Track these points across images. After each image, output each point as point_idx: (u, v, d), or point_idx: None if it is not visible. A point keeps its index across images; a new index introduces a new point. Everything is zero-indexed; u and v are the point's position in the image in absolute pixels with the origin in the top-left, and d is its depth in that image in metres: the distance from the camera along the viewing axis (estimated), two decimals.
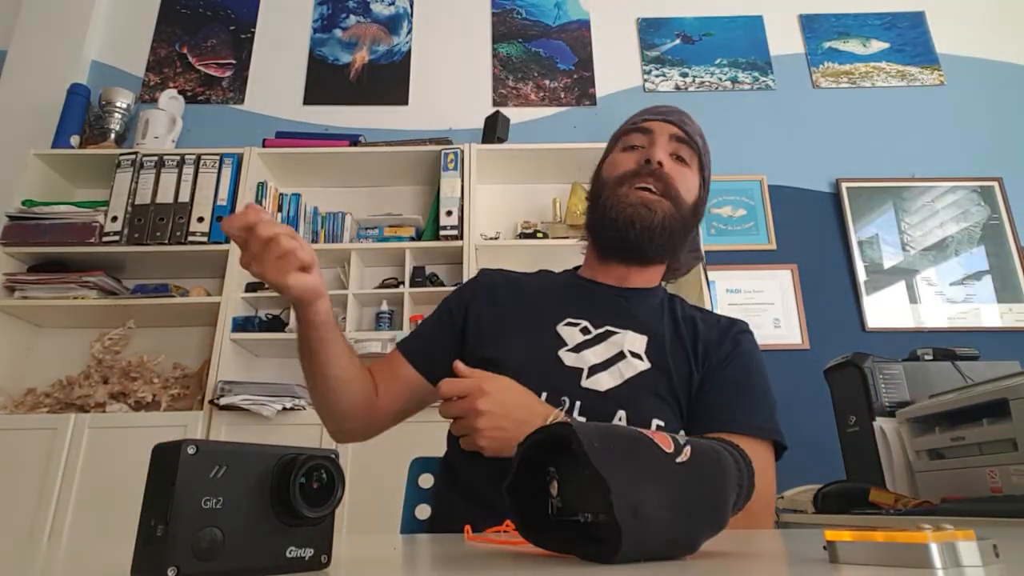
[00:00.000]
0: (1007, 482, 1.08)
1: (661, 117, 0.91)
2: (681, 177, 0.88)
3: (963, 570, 0.27)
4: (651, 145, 0.89)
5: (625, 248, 0.88)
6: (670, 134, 0.90)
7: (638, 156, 0.89)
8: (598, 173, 0.95)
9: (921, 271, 2.40)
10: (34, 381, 2.11)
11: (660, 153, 0.87)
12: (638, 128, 0.91)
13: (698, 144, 0.92)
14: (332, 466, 0.34)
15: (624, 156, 0.90)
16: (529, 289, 0.94)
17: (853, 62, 2.72)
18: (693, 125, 0.94)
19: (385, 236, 2.26)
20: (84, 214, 2.12)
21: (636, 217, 0.84)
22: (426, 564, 0.40)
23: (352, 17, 2.76)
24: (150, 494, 0.31)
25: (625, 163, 0.89)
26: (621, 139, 0.93)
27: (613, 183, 0.88)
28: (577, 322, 0.86)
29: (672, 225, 0.86)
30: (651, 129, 0.90)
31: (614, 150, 0.94)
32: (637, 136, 0.91)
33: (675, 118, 0.92)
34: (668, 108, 0.94)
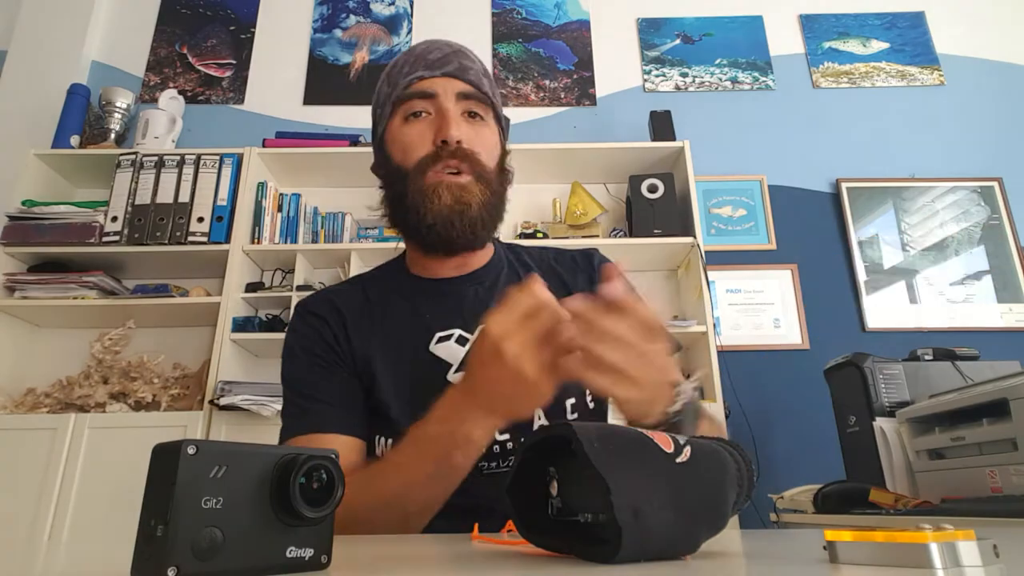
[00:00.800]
0: (1007, 482, 1.08)
1: (441, 72, 0.77)
2: (481, 141, 0.77)
3: (963, 570, 0.27)
4: (439, 114, 0.76)
5: (451, 248, 0.77)
6: (456, 92, 0.76)
7: (429, 130, 0.76)
8: (381, 147, 0.81)
9: (921, 271, 2.40)
10: (34, 381, 2.11)
11: (454, 125, 0.74)
12: (418, 92, 0.76)
13: (488, 92, 0.79)
14: (332, 466, 0.34)
15: (411, 130, 0.76)
16: (372, 310, 0.81)
17: (853, 62, 2.72)
18: (475, 66, 0.80)
19: (385, 236, 2.26)
20: (84, 214, 2.12)
21: (453, 216, 0.73)
22: (426, 564, 0.40)
23: (352, 17, 2.76)
24: (150, 494, 0.31)
25: (417, 142, 0.76)
26: (401, 105, 0.77)
27: (413, 172, 0.75)
28: (448, 333, 0.77)
29: (489, 205, 0.76)
30: (433, 92, 0.76)
31: (393, 116, 0.78)
32: (419, 102, 0.76)
33: (456, 68, 0.77)
34: (443, 55, 0.78)
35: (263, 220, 2.19)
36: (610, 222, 2.38)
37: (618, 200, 2.41)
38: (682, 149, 2.27)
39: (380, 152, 0.82)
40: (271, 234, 2.21)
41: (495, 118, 0.81)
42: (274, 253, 2.20)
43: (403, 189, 0.76)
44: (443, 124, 0.74)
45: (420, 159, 0.75)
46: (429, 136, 0.75)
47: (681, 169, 2.27)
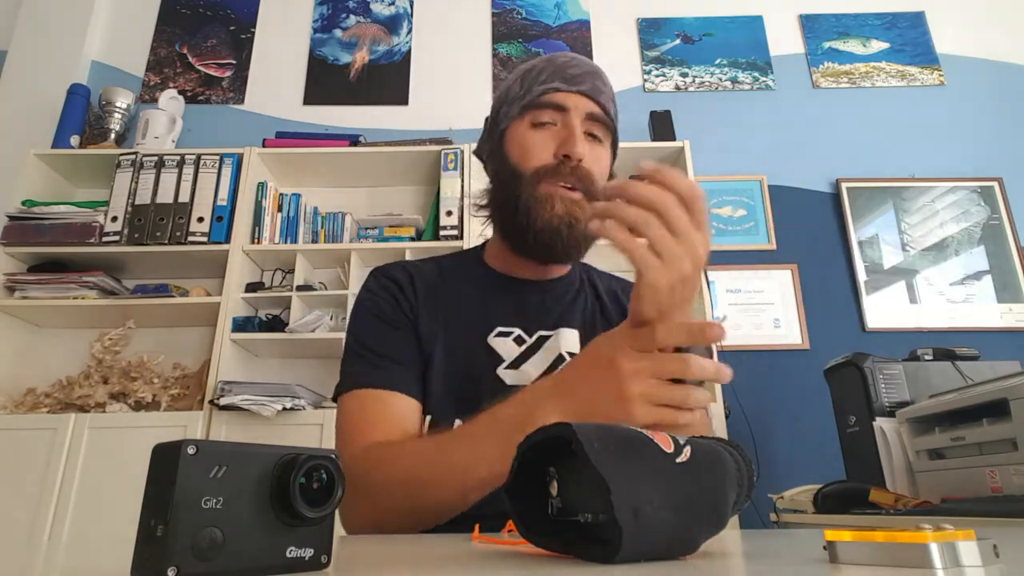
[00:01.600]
0: (1007, 482, 1.08)
1: (576, 89, 0.78)
2: (597, 163, 0.79)
3: (963, 570, 0.27)
4: (566, 128, 0.77)
5: (551, 257, 0.80)
6: (586, 113, 0.79)
7: (552, 142, 0.77)
8: (500, 144, 0.82)
9: (921, 271, 2.40)
10: (34, 381, 2.11)
11: (579, 143, 0.76)
12: (551, 103, 0.78)
13: (612, 119, 0.82)
14: (332, 466, 0.34)
15: (536, 138, 0.78)
16: (443, 290, 0.83)
17: (853, 62, 2.72)
18: (607, 91, 0.82)
19: (385, 236, 2.26)
20: (84, 214, 2.12)
21: (563, 228, 0.75)
22: (426, 564, 0.40)
23: (352, 17, 2.76)
24: (150, 494, 0.31)
25: (539, 150, 0.77)
26: (530, 111, 0.79)
27: (530, 177, 0.77)
28: (509, 331, 0.79)
29: None
30: (565, 106, 0.78)
31: (521, 120, 0.80)
32: (549, 112, 0.78)
33: (589, 88, 0.79)
34: (582, 72, 0.80)
35: (263, 220, 2.19)
36: None
37: None
38: (682, 149, 2.27)
39: (497, 148, 0.83)
40: (271, 234, 2.21)
41: (612, 144, 0.84)
42: (274, 253, 2.20)
43: (516, 191, 0.77)
44: (570, 139, 0.76)
45: (539, 167, 0.77)
46: (551, 147, 0.77)
47: (681, 169, 2.27)
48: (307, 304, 2.16)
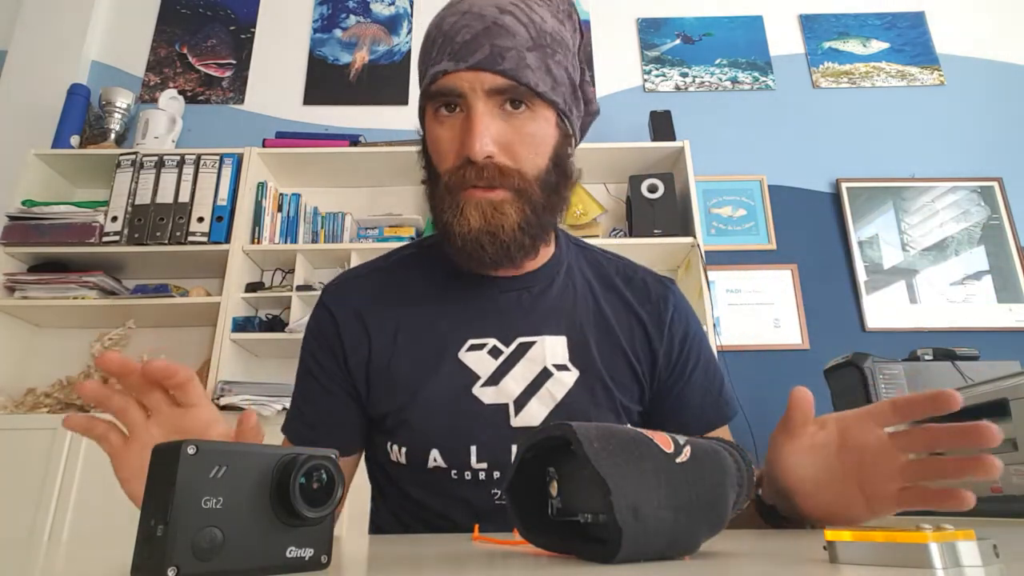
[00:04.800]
0: (1007, 482, 1.08)
1: (467, 64, 0.62)
2: (523, 142, 0.64)
3: (963, 570, 0.27)
4: (466, 118, 0.63)
5: (482, 268, 0.69)
6: (488, 88, 0.62)
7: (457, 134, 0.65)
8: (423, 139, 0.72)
9: (921, 271, 2.40)
10: (34, 381, 2.11)
11: (478, 138, 0.61)
12: (444, 91, 0.64)
13: (531, 82, 0.63)
14: (332, 466, 0.34)
15: (442, 131, 0.66)
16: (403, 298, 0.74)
17: (853, 62, 2.72)
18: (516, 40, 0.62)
19: (385, 236, 2.26)
20: (84, 214, 2.12)
21: (483, 238, 0.64)
22: (426, 564, 0.40)
23: (352, 17, 2.76)
24: (150, 494, 0.31)
25: (445, 147, 0.66)
26: (429, 102, 0.67)
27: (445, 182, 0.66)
28: (482, 342, 0.70)
29: (527, 226, 0.65)
30: (460, 91, 0.63)
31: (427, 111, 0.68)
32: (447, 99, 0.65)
33: (485, 58, 0.61)
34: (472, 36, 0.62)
35: (263, 220, 2.19)
36: (610, 222, 2.38)
37: (618, 200, 2.41)
38: (682, 149, 2.27)
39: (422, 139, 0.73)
40: (271, 234, 2.21)
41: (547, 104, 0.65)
42: (274, 253, 2.20)
43: (436, 197, 0.68)
44: (467, 137, 0.63)
45: (448, 170, 0.66)
46: (457, 141, 0.65)
47: (681, 169, 2.27)
48: (307, 304, 2.16)
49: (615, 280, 0.78)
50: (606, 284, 0.77)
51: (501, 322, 0.71)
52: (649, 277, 0.79)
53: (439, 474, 0.67)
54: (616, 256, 0.82)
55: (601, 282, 0.77)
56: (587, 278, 0.77)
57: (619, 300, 0.76)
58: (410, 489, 0.71)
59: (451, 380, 0.68)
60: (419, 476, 0.69)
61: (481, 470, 0.67)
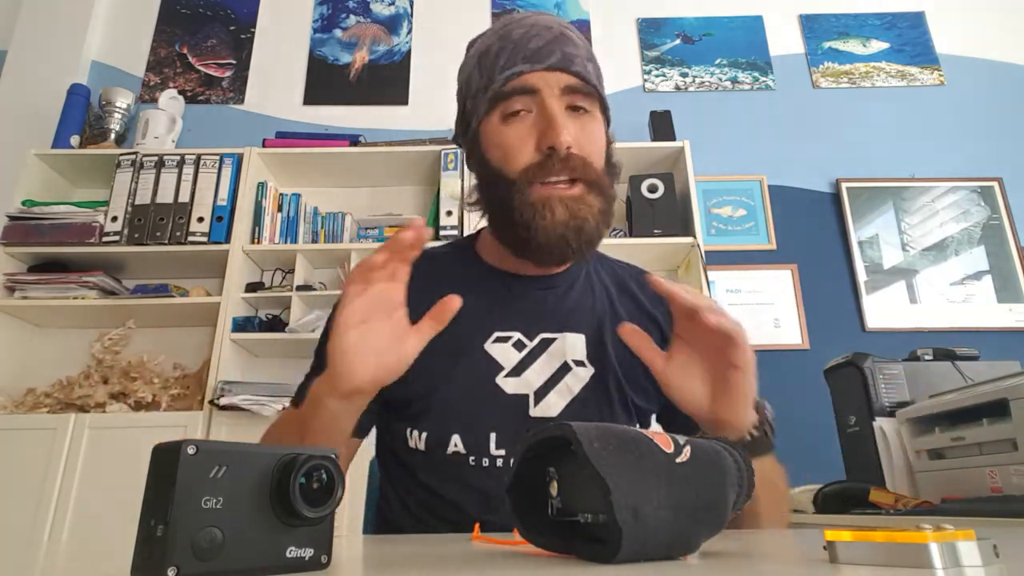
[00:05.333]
0: (1007, 482, 1.08)
1: (544, 65, 0.67)
2: (589, 140, 0.69)
3: (963, 570, 0.27)
4: (543, 114, 0.67)
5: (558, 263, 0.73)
6: (561, 87, 0.67)
7: (532, 133, 0.67)
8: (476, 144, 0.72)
9: (921, 271, 2.40)
10: (34, 381, 2.11)
11: (562, 129, 0.65)
12: (518, 89, 0.68)
13: (594, 82, 0.70)
14: (332, 466, 0.34)
15: (512, 132, 0.68)
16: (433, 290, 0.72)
17: (853, 62, 2.72)
18: (580, 52, 0.70)
19: (385, 236, 2.26)
20: (84, 214, 2.12)
21: (568, 233, 0.66)
22: (426, 564, 0.40)
23: (352, 17, 2.76)
24: (150, 494, 0.31)
25: (519, 146, 0.67)
26: (499, 104, 0.69)
27: (519, 182, 0.67)
28: (508, 335, 0.73)
29: (605, 216, 0.70)
30: (536, 88, 0.67)
31: (491, 115, 0.70)
32: (519, 99, 0.68)
33: (559, 59, 0.68)
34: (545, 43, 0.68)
35: (263, 220, 2.19)
36: None
37: (618, 200, 2.41)
38: (682, 149, 2.27)
39: (475, 148, 0.73)
40: (271, 234, 2.21)
41: (601, 108, 0.72)
42: (274, 253, 2.20)
43: (507, 198, 0.68)
44: (551, 129, 0.66)
45: (525, 167, 0.67)
46: (532, 139, 0.67)
47: (681, 169, 2.27)
48: (307, 304, 2.16)
49: (629, 284, 0.82)
50: (621, 288, 0.82)
51: (526, 318, 0.75)
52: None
53: (458, 460, 0.69)
54: (628, 264, 0.87)
55: (617, 287, 0.82)
56: (604, 283, 0.81)
57: (632, 303, 0.80)
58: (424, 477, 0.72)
59: (476, 369, 0.71)
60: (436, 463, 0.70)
61: (499, 457, 0.69)
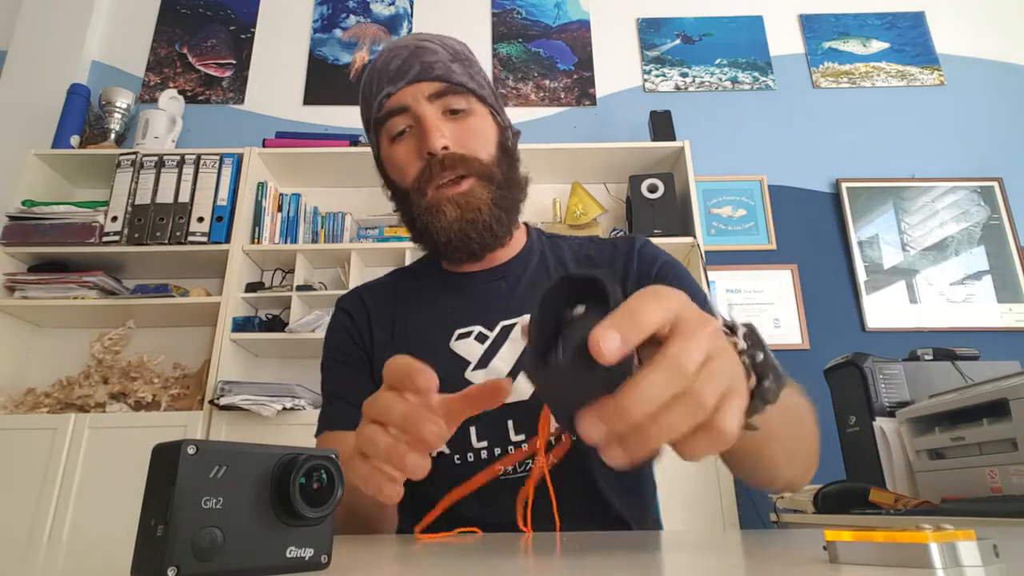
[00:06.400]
0: (1007, 482, 1.08)
1: (405, 81, 0.74)
2: (470, 135, 0.74)
3: (963, 570, 0.27)
4: (418, 124, 0.73)
5: (473, 256, 0.77)
6: (428, 95, 0.73)
7: (414, 146, 0.74)
8: (382, 170, 0.80)
9: (921, 271, 2.40)
10: (34, 381, 2.11)
11: (434, 135, 0.71)
12: (391, 110, 0.74)
13: (461, 80, 0.75)
14: (332, 466, 0.34)
15: (399, 150, 0.75)
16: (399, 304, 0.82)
17: (853, 62, 2.72)
18: (441, 55, 0.75)
19: (385, 236, 2.26)
20: (84, 214, 2.12)
21: (466, 228, 0.73)
22: (426, 564, 0.40)
23: (352, 17, 2.76)
24: (150, 494, 0.31)
25: (407, 161, 0.74)
26: (381, 128, 0.76)
27: (413, 192, 0.74)
28: (468, 330, 0.76)
29: (499, 202, 0.75)
30: (404, 105, 0.73)
31: (380, 138, 0.78)
32: (396, 119, 0.74)
33: (419, 71, 0.73)
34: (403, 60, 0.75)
35: (263, 220, 2.19)
36: (610, 222, 2.38)
37: (618, 200, 2.41)
38: (682, 149, 2.27)
39: (382, 174, 0.81)
40: (271, 234, 2.21)
41: (479, 101, 0.77)
42: (274, 253, 2.20)
43: (409, 211, 0.76)
44: (423, 136, 0.72)
45: (415, 177, 0.74)
46: (415, 151, 0.74)
47: (681, 169, 2.27)
48: (307, 304, 2.16)
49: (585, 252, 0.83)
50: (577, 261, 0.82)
51: (484, 310, 0.77)
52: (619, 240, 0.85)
53: (444, 460, 0.71)
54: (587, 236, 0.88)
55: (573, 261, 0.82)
56: (561, 260, 0.83)
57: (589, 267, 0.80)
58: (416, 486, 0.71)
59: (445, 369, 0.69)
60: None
61: (482, 449, 0.71)
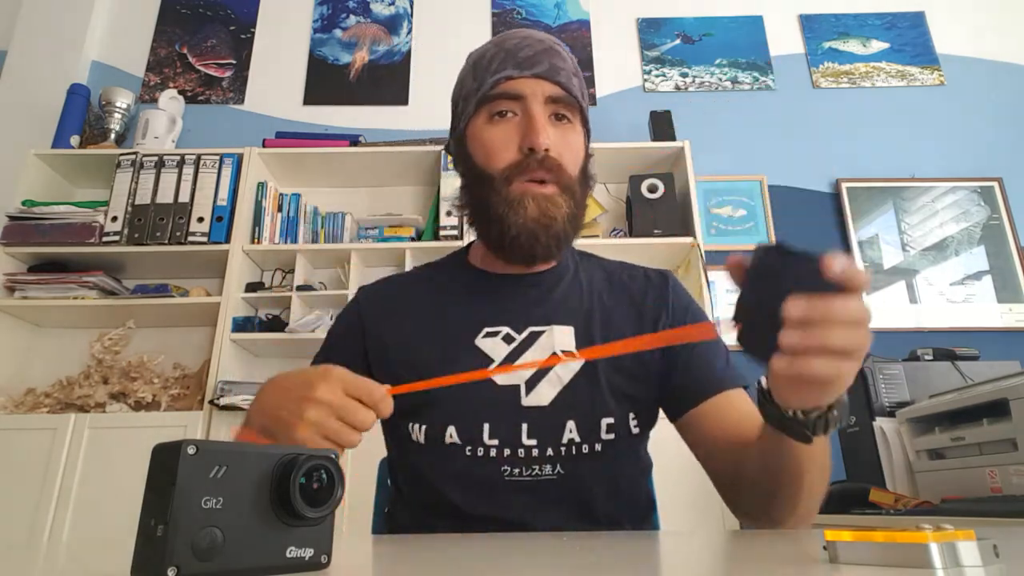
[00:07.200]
0: (1007, 482, 1.08)
1: (531, 72, 0.73)
2: (567, 147, 0.74)
3: (963, 570, 0.27)
4: (526, 118, 0.73)
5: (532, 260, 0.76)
6: (546, 95, 0.73)
7: (515, 135, 0.73)
8: (463, 147, 0.78)
9: (921, 271, 2.40)
10: (34, 381, 2.11)
11: (542, 131, 0.71)
12: (506, 93, 0.74)
13: (577, 95, 0.76)
14: (332, 466, 0.34)
15: (496, 132, 0.74)
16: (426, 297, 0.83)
17: (853, 62, 2.72)
18: (568, 65, 0.76)
19: (385, 236, 2.26)
20: (84, 214, 2.12)
21: (538, 229, 0.72)
22: (426, 564, 0.40)
23: (352, 17, 2.76)
24: (150, 494, 0.31)
25: (501, 146, 0.73)
26: (485, 105, 0.75)
27: (498, 179, 0.73)
28: (497, 330, 0.77)
29: (572, 219, 0.75)
30: (522, 93, 0.73)
31: (477, 116, 0.76)
32: (506, 102, 0.74)
33: (546, 69, 0.74)
34: (535, 53, 0.75)
35: (263, 220, 2.19)
36: (610, 222, 2.38)
37: (618, 200, 2.41)
38: (682, 149, 2.27)
39: (460, 148, 0.79)
40: (271, 234, 2.21)
41: (582, 121, 0.78)
42: (274, 253, 2.20)
43: (486, 195, 0.74)
44: (531, 131, 0.72)
45: (505, 166, 0.73)
46: (515, 140, 0.73)
47: (681, 169, 2.27)
48: (307, 304, 2.16)
49: (619, 277, 0.85)
50: (611, 282, 0.84)
51: (514, 313, 0.78)
52: (650, 271, 0.88)
53: (454, 450, 0.72)
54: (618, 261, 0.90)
55: (606, 281, 0.84)
56: (593, 279, 0.84)
57: (623, 294, 0.83)
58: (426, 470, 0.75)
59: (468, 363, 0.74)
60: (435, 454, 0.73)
61: (492, 447, 0.72)
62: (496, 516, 0.70)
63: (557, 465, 0.71)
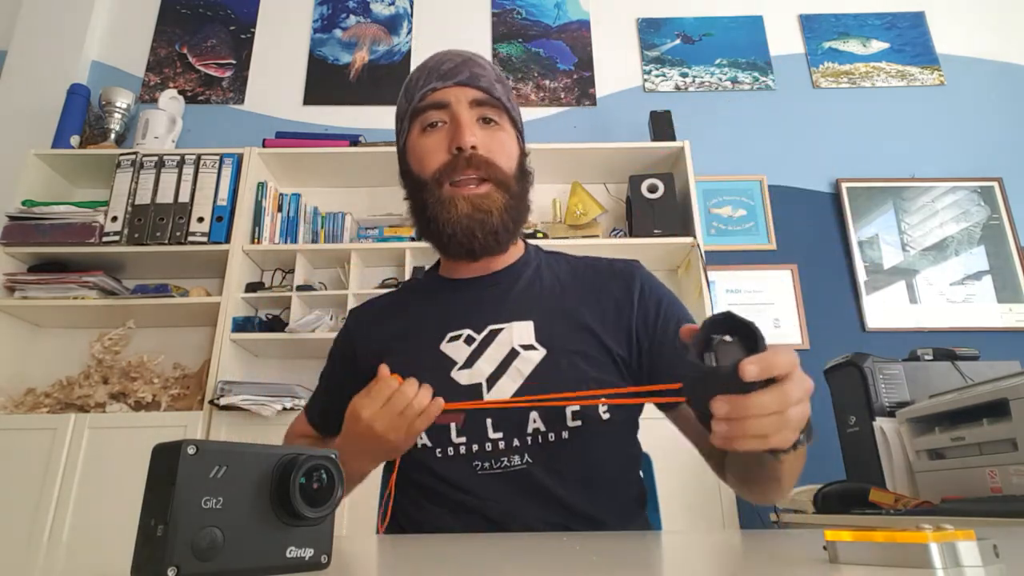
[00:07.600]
0: (1007, 482, 1.08)
1: (453, 81, 0.79)
2: (498, 145, 0.79)
3: (963, 570, 0.27)
4: (453, 122, 0.78)
5: (472, 255, 0.79)
6: (469, 100, 0.79)
7: (444, 139, 0.78)
8: (403, 159, 0.84)
9: (921, 271, 2.40)
10: (34, 381, 2.11)
11: (467, 132, 0.76)
12: (432, 103, 0.79)
13: (501, 98, 0.81)
14: (332, 466, 0.34)
15: (428, 141, 0.79)
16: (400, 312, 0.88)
17: (853, 62, 2.72)
18: (488, 73, 0.82)
19: (385, 236, 2.26)
20: (84, 214, 2.12)
21: (473, 226, 0.76)
22: (426, 564, 0.40)
23: (352, 17, 2.76)
24: (150, 494, 0.31)
25: (433, 152, 0.78)
26: (417, 118, 0.80)
27: (431, 182, 0.78)
28: (459, 333, 0.80)
29: (510, 211, 0.79)
30: (446, 101, 0.79)
31: (411, 130, 0.82)
32: (434, 112, 0.79)
33: (467, 77, 0.79)
34: (455, 65, 0.81)
35: (263, 220, 2.19)
36: (610, 222, 2.38)
37: (618, 200, 2.41)
38: (682, 149, 2.27)
39: (402, 163, 0.84)
40: (271, 234, 2.21)
41: (511, 122, 0.83)
42: (274, 253, 2.20)
43: (423, 199, 0.78)
44: (457, 132, 0.76)
45: (437, 168, 0.77)
46: (445, 145, 0.77)
47: (681, 169, 2.27)
48: (307, 304, 2.16)
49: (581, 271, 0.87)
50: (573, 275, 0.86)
51: (474, 314, 0.81)
52: (616, 262, 0.88)
53: (426, 453, 0.75)
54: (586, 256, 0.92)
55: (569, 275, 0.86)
56: (555, 273, 0.86)
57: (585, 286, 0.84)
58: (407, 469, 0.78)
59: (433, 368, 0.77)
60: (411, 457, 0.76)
61: (461, 444, 0.74)
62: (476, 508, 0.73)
63: (525, 455, 0.73)
